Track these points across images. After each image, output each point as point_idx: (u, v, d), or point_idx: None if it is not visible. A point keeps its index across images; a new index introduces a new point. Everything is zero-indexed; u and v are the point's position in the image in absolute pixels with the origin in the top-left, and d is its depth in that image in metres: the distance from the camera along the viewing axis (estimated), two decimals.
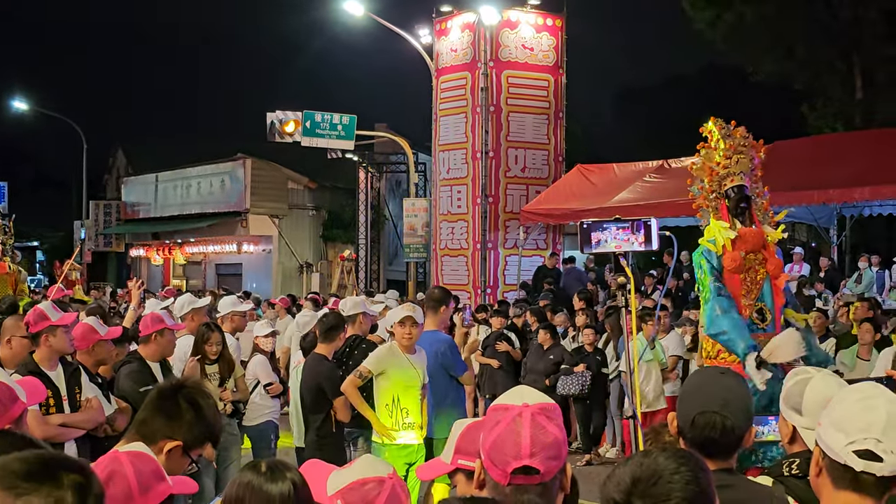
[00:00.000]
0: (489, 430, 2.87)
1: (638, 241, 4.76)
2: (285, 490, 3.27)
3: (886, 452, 2.92)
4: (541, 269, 25.62)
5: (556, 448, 2.83)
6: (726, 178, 9.84)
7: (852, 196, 20.10)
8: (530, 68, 28.42)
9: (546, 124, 28.57)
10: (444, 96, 29.05)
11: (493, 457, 2.84)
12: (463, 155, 28.22)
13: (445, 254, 28.76)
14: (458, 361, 10.37)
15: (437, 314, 10.46)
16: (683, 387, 3.94)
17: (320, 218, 42.88)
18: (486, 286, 27.62)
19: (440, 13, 29.47)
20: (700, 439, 3.66)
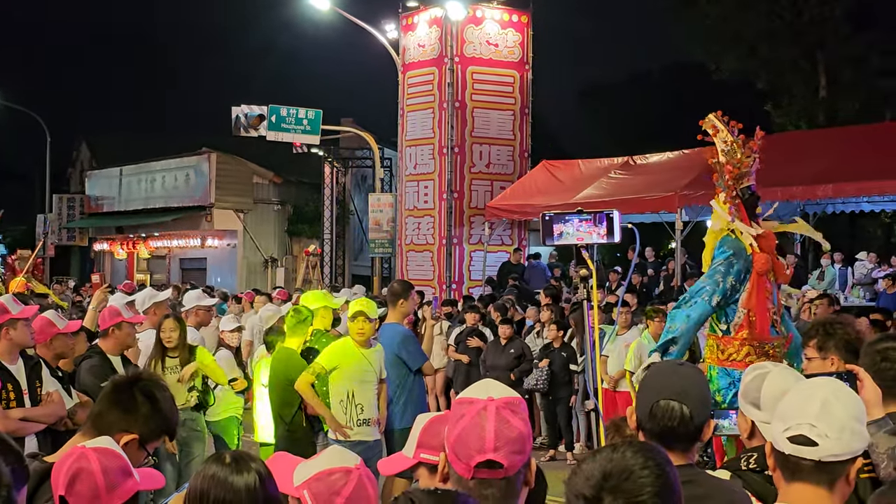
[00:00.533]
0: (453, 424, 2.86)
1: (600, 234, 4.76)
2: (251, 481, 3.25)
3: (821, 437, 2.94)
4: (505, 264, 25.66)
5: (520, 442, 2.82)
6: (743, 177, 9.77)
7: (815, 194, 20.21)
8: (495, 64, 28.43)
9: (511, 120, 28.59)
10: (410, 91, 29.01)
11: (457, 450, 2.82)
12: (430, 150, 28.21)
13: (411, 249, 28.75)
14: (415, 353, 10.35)
15: (395, 307, 10.48)
16: (642, 380, 3.94)
17: (285, 213, 42.76)
18: (452, 281, 27.62)
19: (406, 8, 29.43)
20: (659, 429, 3.64)
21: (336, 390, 9.46)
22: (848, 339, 5.31)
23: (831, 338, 5.38)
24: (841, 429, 3.00)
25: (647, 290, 22.49)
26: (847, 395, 3.11)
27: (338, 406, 9.43)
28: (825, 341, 5.41)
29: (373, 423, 9.53)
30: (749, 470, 4.04)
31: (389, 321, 10.57)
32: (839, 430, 3.00)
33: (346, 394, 9.42)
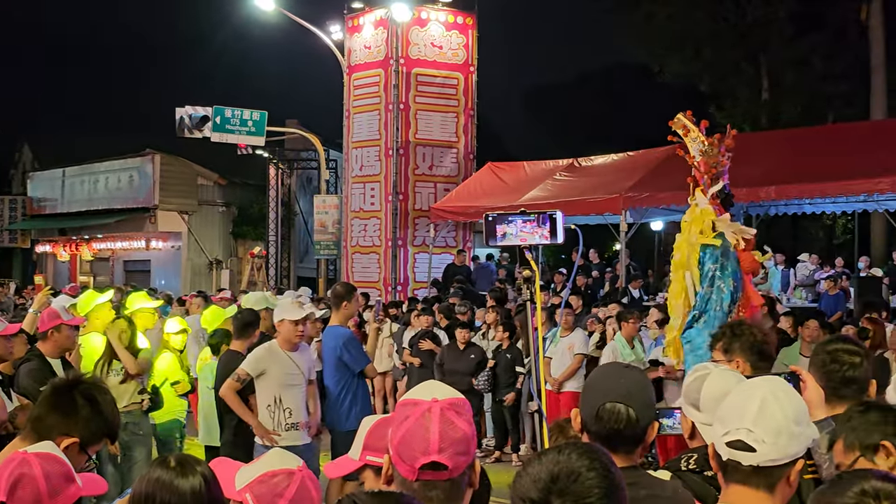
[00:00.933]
0: (398, 426, 2.84)
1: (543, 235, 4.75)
2: (196, 484, 3.23)
3: (759, 442, 2.95)
4: (450, 266, 25.68)
5: (464, 443, 2.81)
6: (719, 177, 9.93)
7: (759, 196, 20.37)
8: (439, 66, 28.46)
9: (455, 122, 28.63)
10: (357, 93, 28.98)
11: (402, 452, 2.81)
12: (376, 152, 28.19)
13: (357, 251, 28.71)
14: (357, 356, 10.29)
15: (339, 310, 10.45)
16: (586, 382, 3.93)
17: (230, 214, 42.56)
18: (397, 283, 27.62)
19: (352, 10, 29.40)
20: (605, 432, 3.63)
21: (263, 395, 9.32)
22: (753, 342, 5.32)
23: (737, 339, 5.39)
24: (778, 433, 3.01)
25: (591, 291, 22.60)
26: (786, 397, 3.11)
27: (265, 411, 9.30)
28: (731, 343, 5.41)
29: (301, 426, 9.42)
30: (689, 471, 4.05)
31: (332, 323, 10.54)
32: (776, 435, 3.00)
33: (273, 399, 9.31)
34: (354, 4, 29.38)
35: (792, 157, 20.28)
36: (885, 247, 30.57)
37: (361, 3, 29.24)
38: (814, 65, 34.99)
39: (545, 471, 2.53)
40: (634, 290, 21.50)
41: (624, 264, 22.39)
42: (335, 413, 10.23)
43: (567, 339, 15.05)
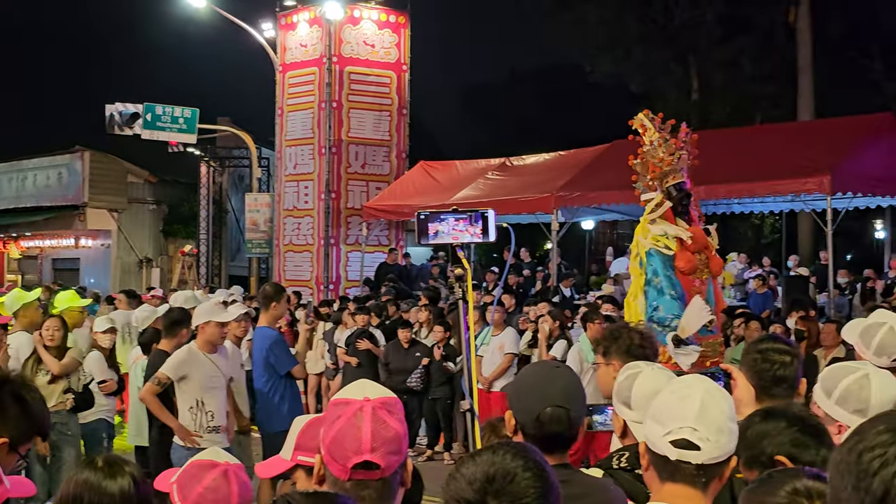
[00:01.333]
0: (329, 425, 2.84)
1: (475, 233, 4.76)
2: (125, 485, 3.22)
3: (703, 440, 2.98)
4: (383, 265, 25.66)
5: (396, 442, 2.81)
6: (668, 175, 9.66)
7: None
8: (372, 65, 28.44)
9: (388, 121, 28.63)
10: (291, 91, 28.87)
11: (334, 452, 2.80)
12: (310, 150, 28.11)
13: (290, 249, 28.60)
14: (282, 358, 10.27)
15: (267, 310, 10.43)
16: (518, 383, 3.92)
17: (161, 212, 42.15)
18: (329, 282, 27.55)
19: (284, 7, 29.29)
20: (544, 435, 3.65)
21: (185, 398, 9.23)
22: (629, 345, 5.36)
23: (615, 343, 5.45)
24: (719, 430, 3.03)
25: (523, 290, 22.66)
26: (721, 395, 3.14)
27: (188, 413, 9.21)
28: (609, 346, 5.47)
29: (223, 429, 9.37)
30: (620, 469, 4.08)
31: (261, 324, 10.52)
32: (717, 433, 3.02)
33: (195, 401, 9.22)
34: (287, 2, 29.27)
35: (721, 158, 20.44)
36: (812, 246, 30.97)
37: (294, 0, 29.14)
38: (742, 66, 35.38)
39: (480, 471, 2.52)
40: (566, 288, 21.61)
41: (555, 263, 22.50)
42: (265, 414, 10.22)
43: (498, 338, 15.04)
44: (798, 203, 21.84)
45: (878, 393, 3.94)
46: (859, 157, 19.21)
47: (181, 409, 9.27)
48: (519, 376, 3.95)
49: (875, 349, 5.56)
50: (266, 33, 29.98)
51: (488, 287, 21.63)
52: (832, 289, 19.63)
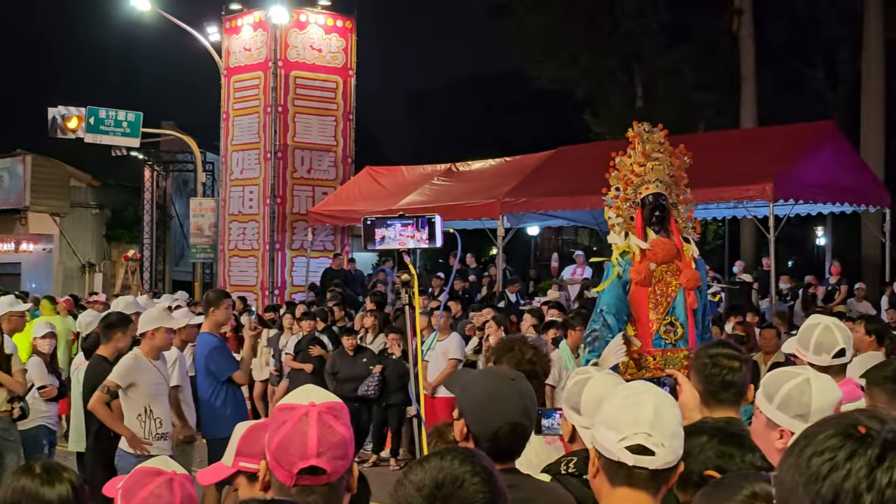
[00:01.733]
0: (275, 431, 2.82)
1: (422, 239, 4.77)
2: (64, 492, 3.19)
3: (657, 445, 3.00)
4: (328, 270, 25.61)
5: (342, 447, 2.80)
6: (641, 185, 9.55)
7: None
8: (318, 69, 28.37)
9: (334, 126, 28.57)
10: (237, 96, 28.73)
11: (279, 457, 2.79)
12: (256, 155, 27.98)
13: (235, 254, 28.46)
14: (222, 364, 10.22)
15: (208, 316, 10.38)
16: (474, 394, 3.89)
17: (104, 217, 41.84)
18: (275, 287, 27.45)
19: (230, 11, 29.15)
20: (500, 447, 3.66)
21: (133, 406, 9.12)
22: (520, 359, 5.38)
23: (506, 354, 5.48)
24: (672, 436, 3.06)
25: (468, 296, 22.69)
26: (672, 401, 3.18)
27: (136, 421, 9.11)
28: (500, 357, 5.50)
29: (169, 436, 9.32)
30: (568, 474, 4.09)
31: (203, 330, 10.47)
32: (671, 438, 3.05)
33: (143, 409, 9.14)
34: (232, 6, 29.13)
35: None
36: (755, 252, 31.26)
37: (239, 4, 29.03)
38: (686, 74, 35.63)
39: (429, 477, 2.52)
40: (511, 294, 21.66)
41: (501, 269, 22.56)
42: (208, 419, 10.17)
43: (443, 343, 15.02)
44: (741, 210, 22.03)
45: (818, 397, 3.98)
46: (801, 164, 19.42)
47: (128, 416, 9.14)
48: (473, 386, 3.90)
49: (813, 348, 5.68)
50: (212, 37, 29.84)
51: (434, 293, 21.63)
52: (774, 295, 19.82)
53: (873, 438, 1.64)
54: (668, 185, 9.67)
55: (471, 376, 4.13)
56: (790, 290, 22.65)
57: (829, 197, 20.42)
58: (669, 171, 9.71)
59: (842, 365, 5.65)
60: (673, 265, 9.31)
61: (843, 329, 5.72)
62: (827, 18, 36.39)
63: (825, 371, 5.53)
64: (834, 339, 5.65)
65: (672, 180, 9.75)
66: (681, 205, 9.92)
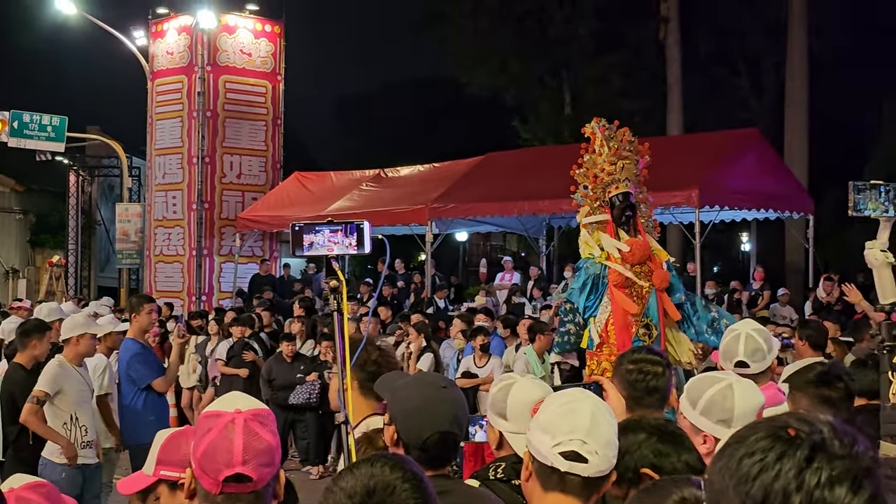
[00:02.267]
0: (200, 438, 2.80)
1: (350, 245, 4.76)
2: None
3: (591, 453, 3.02)
4: (256, 276, 25.50)
5: (269, 455, 2.79)
6: (611, 184, 9.48)
7: (561, 207, 20.75)
8: (248, 74, 28.26)
9: (264, 130, 28.47)
10: (159, 100, 28.54)
11: (205, 465, 2.77)
12: (179, 160, 27.79)
13: (160, 260, 28.24)
14: (141, 371, 10.10)
15: (131, 322, 10.29)
16: (404, 402, 3.88)
17: (27, 222, 41.27)
18: (202, 293, 27.26)
19: (156, 15, 28.98)
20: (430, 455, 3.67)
21: (60, 413, 9.01)
22: (365, 360, 5.36)
23: (351, 355, 5.48)
24: (607, 444, 3.08)
25: (397, 301, 22.70)
26: (607, 409, 3.19)
27: (62, 429, 9.00)
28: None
29: (94, 444, 9.23)
30: (497, 479, 4.10)
31: (128, 336, 10.35)
32: (605, 446, 3.07)
33: (70, 416, 9.04)
34: (159, 10, 28.97)
35: None
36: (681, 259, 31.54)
37: (167, 8, 28.86)
38: (613, 81, 35.91)
39: (360, 484, 2.52)
40: (440, 300, 21.71)
41: (430, 274, 22.59)
42: (129, 427, 10.05)
43: None
44: (667, 216, 22.20)
45: (741, 402, 4.03)
46: (726, 171, 19.65)
47: (55, 425, 9.02)
48: (403, 393, 3.89)
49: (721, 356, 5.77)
50: (138, 41, 29.59)
51: (363, 298, 21.59)
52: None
53: (802, 440, 1.67)
54: (635, 183, 9.62)
55: (401, 382, 4.11)
56: (715, 296, 22.86)
57: (754, 203, 20.69)
58: (636, 171, 9.67)
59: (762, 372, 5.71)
60: (645, 266, 9.32)
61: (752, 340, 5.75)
62: (751, 28, 36.89)
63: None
64: (735, 350, 5.71)
65: (637, 179, 9.69)
66: (642, 203, 9.84)
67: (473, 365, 13.75)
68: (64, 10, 30.20)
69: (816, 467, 1.64)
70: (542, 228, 26.50)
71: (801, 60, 31.43)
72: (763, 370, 5.73)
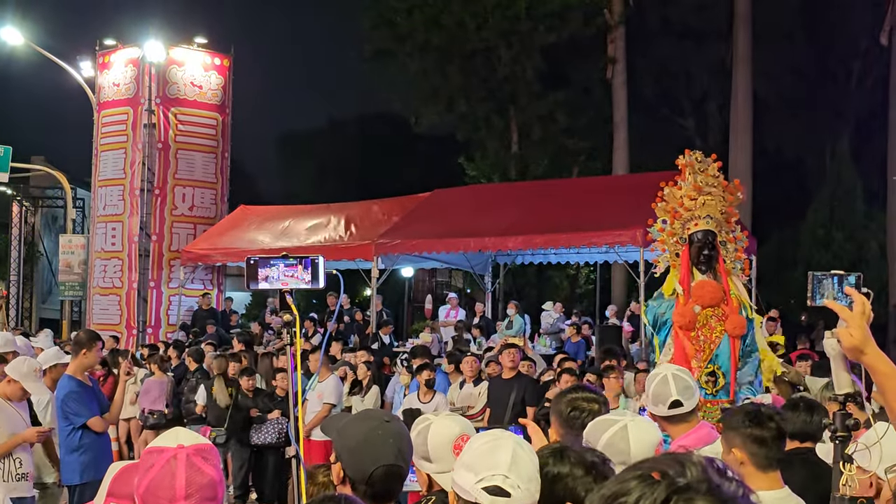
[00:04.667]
0: (144, 473, 2.81)
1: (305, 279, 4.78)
2: None
3: (514, 487, 3.06)
4: (197, 311, 25.40)
5: (211, 489, 2.80)
6: (690, 220, 9.00)
7: (506, 245, 20.88)
8: (199, 106, 28.19)
9: (214, 163, 28.39)
10: (105, 131, 28.40)
11: (147, 499, 2.77)
12: (120, 191, 27.62)
13: (98, 292, 28.00)
14: (76, 410, 9.94)
15: (76, 357, 10.14)
16: (348, 438, 3.88)
17: None
18: (147, 326, 27.04)
19: (104, 46, 28.88)
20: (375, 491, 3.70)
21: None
22: None
23: None
24: (529, 479, 3.12)
25: (343, 337, 22.65)
26: (529, 448, 3.26)
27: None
28: None
29: (30, 478, 9.13)
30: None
31: (67, 371, 10.19)
32: (528, 481, 3.11)
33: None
34: (107, 41, 28.87)
35: (538, 208, 20.90)
36: (626, 297, 31.74)
37: (114, 40, 28.78)
38: (560, 120, 36.11)
39: None
40: (385, 335, 21.68)
41: (375, 310, 22.56)
42: (64, 466, 9.90)
43: (321, 385, 14.90)
44: (612, 254, 22.36)
45: (635, 444, 4.08)
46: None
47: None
48: (348, 429, 3.91)
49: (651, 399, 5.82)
50: (85, 72, 29.45)
51: (308, 333, 21.50)
52: (643, 338, 20.14)
53: (660, 482, 1.71)
54: (719, 222, 9.05)
55: (346, 420, 4.13)
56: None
57: None
58: (721, 208, 9.06)
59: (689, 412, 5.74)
60: (718, 309, 8.75)
61: (681, 379, 5.78)
62: (697, 69, 37.34)
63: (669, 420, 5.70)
64: (668, 391, 5.71)
65: (723, 217, 9.10)
66: (730, 243, 9.16)
67: (417, 401, 13.73)
68: (10, 40, 30.02)
69: None
70: (488, 265, 26.58)
71: (746, 102, 31.87)
72: (693, 408, 5.77)
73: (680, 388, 5.70)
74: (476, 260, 25.48)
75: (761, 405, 5.23)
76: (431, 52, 36.16)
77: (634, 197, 20.08)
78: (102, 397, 10.67)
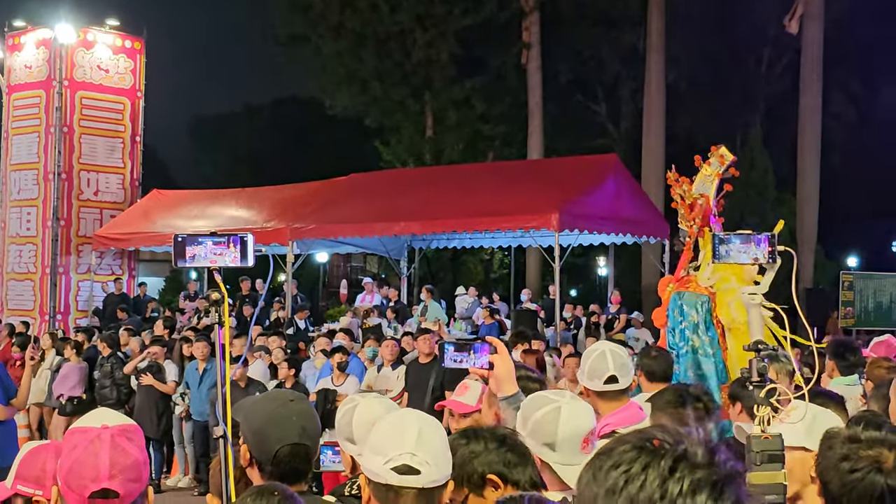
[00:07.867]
0: (67, 454, 2.78)
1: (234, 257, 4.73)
2: None
3: (423, 464, 3.07)
4: (109, 296, 25.14)
5: (136, 470, 2.78)
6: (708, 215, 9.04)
7: (421, 229, 20.91)
8: (105, 90, 27.80)
9: (122, 147, 28.02)
10: (16, 114, 27.91)
11: (70, 481, 2.75)
12: (34, 175, 27.19)
13: (12, 278, 27.56)
14: None
15: None
16: (251, 417, 3.87)
17: None
18: (57, 312, 26.66)
19: (13, 28, 28.37)
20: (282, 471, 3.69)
21: None
22: None
23: None
24: (437, 455, 3.13)
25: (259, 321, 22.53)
26: (436, 425, 3.26)
27: None
28: None
29: None
30: (352, 495, 4.13)
31: None
32: (436, 456, 3.12)
33: None
34: (16, 23, 28.37)
35: (453, 193, 20.93)
36: (540, 280, 31.95)
37: (24, 21, 28.28)
38: (475, 105, 36.19)
39: None
40: (300, 320, 21.60)
41: (290, 295, 22.46)
42: None
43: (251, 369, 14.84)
44: (527, 239, 22.50)
45: (564, 427, 3.94)
46: (585, 196, 19.94)
47: None
48: (252, 411, 3.88)
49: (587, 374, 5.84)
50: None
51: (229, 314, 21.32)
52: (559, 322, 20.30)
53: (666, 451, 1.72)
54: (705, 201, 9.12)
55: (252, 401, 4.11)
56: (573, 318, 23.19)
57: (612, 228, 21.01)
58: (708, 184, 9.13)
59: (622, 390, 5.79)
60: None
61: (618, 356, 5.84)
62: (610, 56, 37.62)
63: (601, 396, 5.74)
64: (605, 366, 5.73)
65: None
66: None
67: (331, 383, 13.73)
68: None
69: (679, 476, 1.69)
70: (404, 250, 26.56)
71: (658, 88, 32.16)
72: (627, 386, 5.82)
73: (617, 365, 5.73)
74: (392, 245, 25.47)
75: (689, 385, 5.29)
76: (346, 36, 36.02)
77: (549, 182, 20.26)
78: (9, 382, 10.52)
